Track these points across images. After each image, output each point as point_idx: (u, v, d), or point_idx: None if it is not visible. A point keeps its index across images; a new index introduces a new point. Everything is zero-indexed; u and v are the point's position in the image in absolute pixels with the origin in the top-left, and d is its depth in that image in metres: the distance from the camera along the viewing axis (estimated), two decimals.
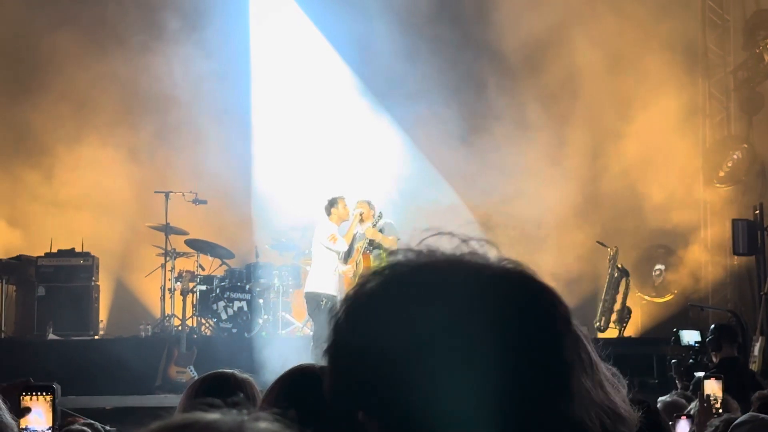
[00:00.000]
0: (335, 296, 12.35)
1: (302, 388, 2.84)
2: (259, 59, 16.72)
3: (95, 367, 13.05)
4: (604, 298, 14.80)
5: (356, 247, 12.24)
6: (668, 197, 15.72)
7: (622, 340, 14.47)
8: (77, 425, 4.75)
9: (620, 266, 14.84)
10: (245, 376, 3.54)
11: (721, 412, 4.73)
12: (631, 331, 15.19)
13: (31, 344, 14.03)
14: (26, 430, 3.26)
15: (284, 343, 13.35)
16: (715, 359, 9.13)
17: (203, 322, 14.72)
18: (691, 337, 10.98)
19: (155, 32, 15.87)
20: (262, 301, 14.42)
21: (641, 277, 16.06)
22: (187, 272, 14.56)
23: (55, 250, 15.00)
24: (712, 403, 4.79)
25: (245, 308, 14.32)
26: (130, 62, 16.04)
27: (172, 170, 16.04)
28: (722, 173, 15.95)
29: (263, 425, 1.14)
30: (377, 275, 1.30)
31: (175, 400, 11.38)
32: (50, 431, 3.30)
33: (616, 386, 1.60)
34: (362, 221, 12.29)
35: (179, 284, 14.43)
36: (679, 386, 9.30)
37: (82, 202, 16.17)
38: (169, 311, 14.69)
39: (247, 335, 14.09)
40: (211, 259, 15.07)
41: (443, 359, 1.21)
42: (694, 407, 5.13)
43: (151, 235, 15.13)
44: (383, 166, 15.72)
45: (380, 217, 12.16)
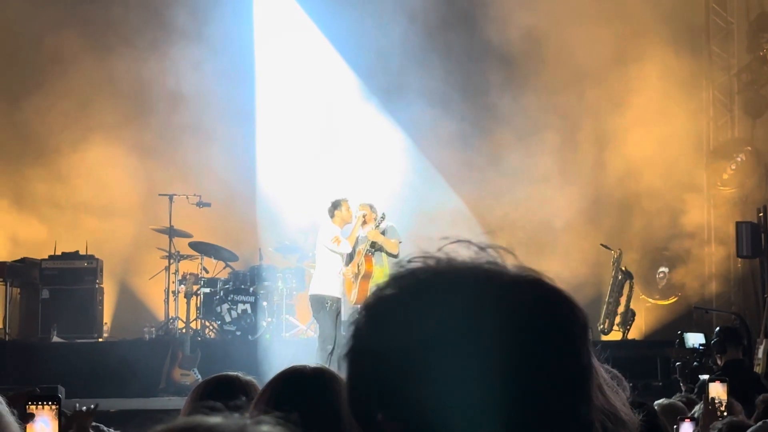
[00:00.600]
0: (340, 298, 12.34)
1: (293, 390, 2.84)
2: (263, 62, 16.72)
3: (99, 369, 13.06)
4: (607, 300, 14.79)
5: (358, 249, 12.23)
6: (672, 200, 15.71)
7: (625, 342, 14.46)
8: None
9: (624, 269, 14.83)
10: (249, 378, 3.54)
11: (726, 415, 4.72)
12: (635, 333, 15.18)
13: (35, 347, 14.04)
14: None
15: (288, 345, 13.35)
16: (719, 362, 9.12)
17: (207, 324, 14.72)
18: (695, 339, 10.97)
19: (159, 34, 15.88)
20: (266, 303, 14.42)
21: (645, 279, 16.04)
22: (191, 275, 14.56)
23: (59, 252, 15.02)
24: (716, 406, 4.79)
25: (249, 311, 14.32)
26: (134, 64, 16.03)
27: (176, 173, 16.05)
28: (726, 176, 15.94)
29: (265, 429, 1.14)
30: (398, 280, 1.31)
31: (179, 402, 11.40)
32: None
33: (615, 389, 1.61)
34: (365, 223, 12.28)
35: (183, 287, 14.44)
36: (683, 389, 9.29)
37: (86, 204, 16.17)
38: (173, 314, 14.69)
39: (251, 338, 14.09)
40: (215, 261, 15.08)
41: (464, 364, 1.22)
42: (698, 410, 5.13)
43: (155, 237, 15.14)
44: (387, 169, 15.72)
45: (383, 219, 12.14)
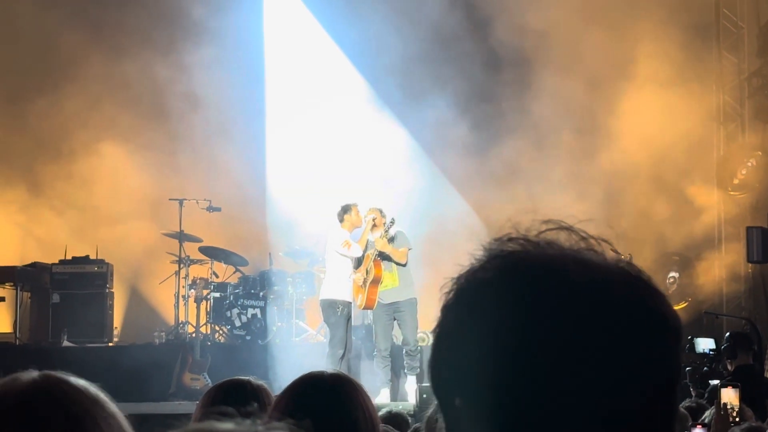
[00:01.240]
0: (351, 303, 12.34)
1: (311, 396, 2.84)
2: (273, 67, 16.74)
3: (109, 374, 13.03)
4: None
5: (367, 254, 12.22)
6: (682, 205, 15.67)
7: None
8: None
9: None
10: (261, 383, 3.54)
11: (738, 420, 4.70)
12: None
13: (45, 351, 14.06)
14: None
15: (298, 350, 13.34)
16: (730, 367, 9.10)
17: (217, 329, 14.73)
18: (705, 344, 10.94)
19: (170, 40, 15.91)
20: (275, 308, 14.42)
21: None
22: (201, 279, 14.58)
23: (69, 257, 15.05)
24: (729, 411, 4.76)
25: (259, 315, 14.33)
26: (146, 68, 16.05)
27: (186, 178, 16.08)
28: (736, 181, 15.89)
29: None
30: (492, 261, 1.24)
31: (189, 407, 11.41)
32: None
33: None
34: (374, 227, 12.27)
35: (193, 291, 14.45)
36: (693, 394, 9.28)
37: (96, 209, 16.21)
38: (183, 318, 14.71)
39: (260, 342, 14.09)
40: (225, 266, 15.08)
41: (553, 357, 1.16)
42: (709, 415, 5.11)
43: (165, 242, 15.16)
44: (397, 174, 15.72)
45: (392, 223, 12.11)
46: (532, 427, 1.17)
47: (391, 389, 12.40)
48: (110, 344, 14.81)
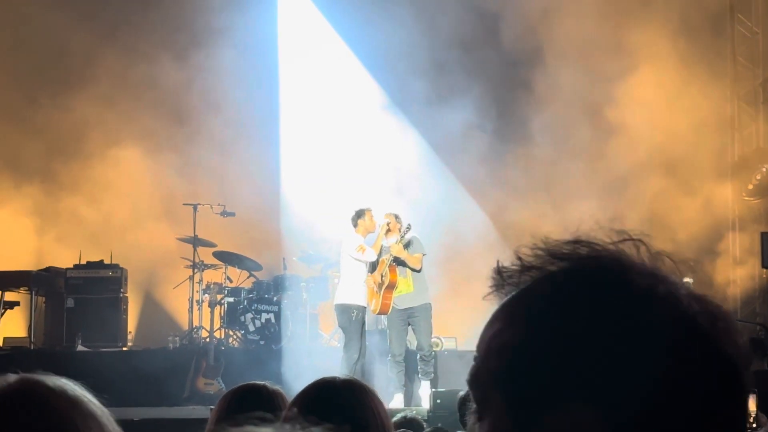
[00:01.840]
0: (365, 307, 12.34)
1: (324, 401, 2.84)
2: (287, 72, 16.76)
3: (123, 378, 13.07)
4: None
5: (382, 259, 12.22)
6: (697, 210, 15.63)
7: None
8: None
9: None
10: (276, 387, 3.54)
11: (755, 427, 4.69)
12: None
13: (60, 355, 14.07)
14: None
15: (312, 355, 13.33)
16: None
17: (231, 333, 14.75)
18: None
19: (185, 43, 15.95)
20: (289, 313, 14.42)
21: None
22: (215, 284, 14.60)
23: (84, 261, 15.08)
24: None
25: (273, 320, 14.33)
26: (160, 75, 16.08)
27: (200, 182, 16.10)
28: (751, 186, 15.85)
29: None
30: (559, 262, 1.18)
31: (202, 411, 11.43)
32: None
33: None
34: (389, 232, 12.26)
35: (207, 296, 14.47)
36: None
37: (111, 213, 16.25)
38: (197, 323, 14.72)
39: (274, 347, 14.09)
40: (238, 271, 15.10)
41: (610, 374, 1.09)
42: None
43: (179, 247, 15.18)
44: (411, 179, 15.72)
45: (408, 229, 12.10)
46: None
47: (405, 394, 12.40)
48: (124, 349, 14.84)
